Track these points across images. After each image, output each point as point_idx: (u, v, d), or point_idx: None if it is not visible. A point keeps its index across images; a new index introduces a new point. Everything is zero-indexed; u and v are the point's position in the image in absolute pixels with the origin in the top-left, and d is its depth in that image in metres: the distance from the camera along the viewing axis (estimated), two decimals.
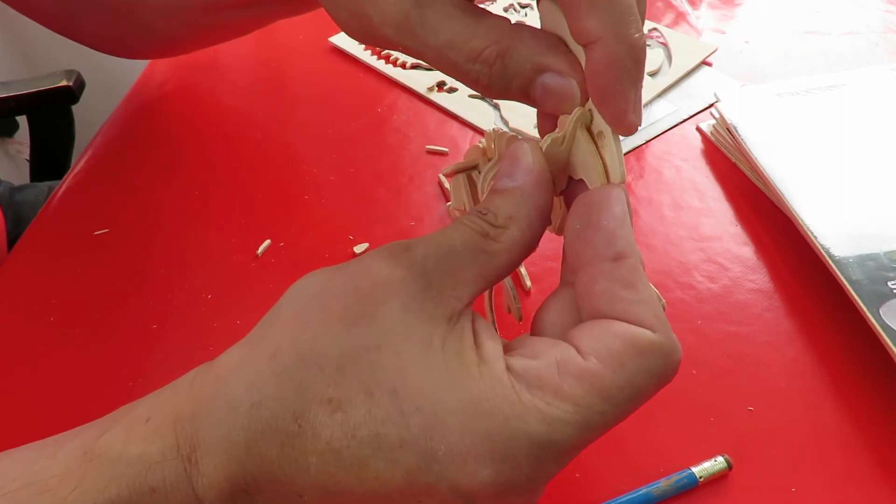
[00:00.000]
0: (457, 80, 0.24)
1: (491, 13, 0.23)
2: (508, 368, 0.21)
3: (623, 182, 0.23)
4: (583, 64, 0.23)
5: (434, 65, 0.24)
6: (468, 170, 0.32)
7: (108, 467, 0.21)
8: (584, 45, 0.22)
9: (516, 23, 0.23)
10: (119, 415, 0.23)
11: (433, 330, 0.21)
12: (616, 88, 0.22)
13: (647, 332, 0.21)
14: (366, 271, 0.22)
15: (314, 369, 0.21)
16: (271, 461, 0.21)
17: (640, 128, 0.48)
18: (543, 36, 0.23)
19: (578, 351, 0.21)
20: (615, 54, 0.21)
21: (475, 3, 0.24)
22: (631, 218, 0.23)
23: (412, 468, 0.20)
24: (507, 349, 0.22)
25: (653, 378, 0.21)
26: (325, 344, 0.21)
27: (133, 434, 0.22)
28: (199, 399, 0.22)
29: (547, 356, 0.21)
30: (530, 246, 0.23)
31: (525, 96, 0.24)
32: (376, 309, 0.21)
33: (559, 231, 0.26)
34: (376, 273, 0.22)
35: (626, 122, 0.22)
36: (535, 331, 0.24)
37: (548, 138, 0.24)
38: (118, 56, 0.51)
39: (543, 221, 0.23)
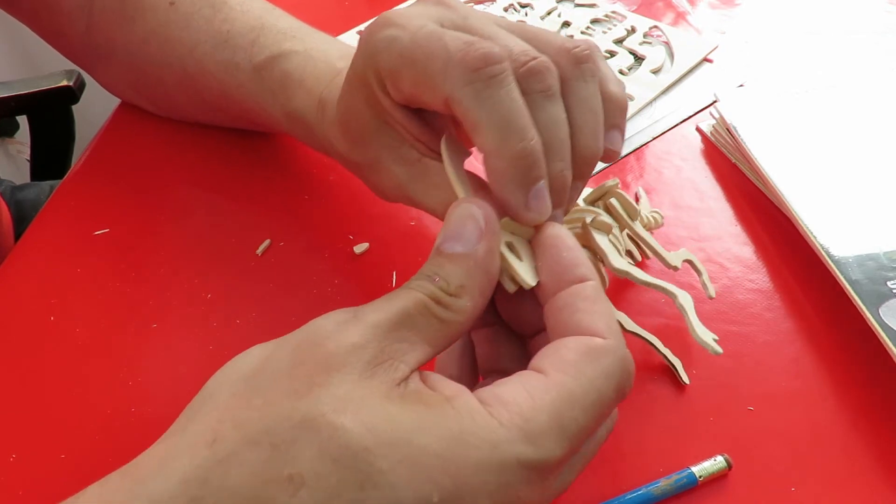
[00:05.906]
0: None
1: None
2: (478, 399, 0.21)
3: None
4: None
5: (426, 211, 0.30)
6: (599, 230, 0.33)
7: None
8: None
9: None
10: None
11: (389, 391, 0.20)
12: (504, 193, 0.25)
13: (599, 339, 0.22)
14: (313, 343, 0.21)
15: (265, 448, 0.19)
16: None
17: (641, 128, 0.49)
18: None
19: (540, 371, 0.22)
20: (496, 167, 0.25)
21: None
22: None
23: None
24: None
25: (610, 379, 0.22)
26: (274, 419, 0.19)
27: None
28: None
29: (511, 381, 0.21)
30: (478, 315, 0.23)
31: None
32: (329, 377, 0.20)
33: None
34: (326, 344, 0.21)
35: (522, 218, 0.25)
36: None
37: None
38: (146, 108, 0.51)
39: (492, 290, 0.24)
